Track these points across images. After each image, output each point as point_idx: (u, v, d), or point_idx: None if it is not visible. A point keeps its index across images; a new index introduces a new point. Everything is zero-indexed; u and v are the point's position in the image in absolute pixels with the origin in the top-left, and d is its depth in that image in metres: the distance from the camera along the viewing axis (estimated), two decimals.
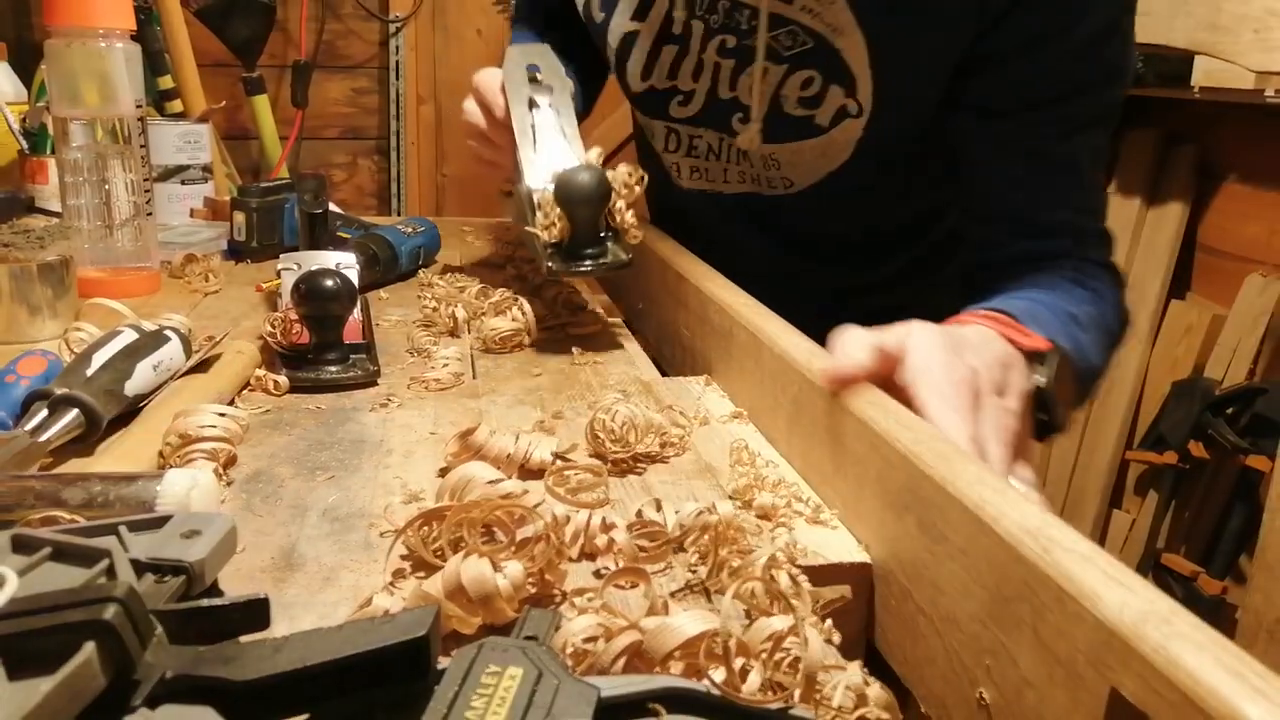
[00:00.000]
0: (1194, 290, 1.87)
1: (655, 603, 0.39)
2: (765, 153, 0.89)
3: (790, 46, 0.82)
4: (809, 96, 0.83)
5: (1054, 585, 0.33)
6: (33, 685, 0.25)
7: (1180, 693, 0.27)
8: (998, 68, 0.75)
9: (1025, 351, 0.58)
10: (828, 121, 0.83)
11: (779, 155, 0.88)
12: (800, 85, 0.83)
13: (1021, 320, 0.62)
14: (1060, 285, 0.72)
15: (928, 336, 0.52)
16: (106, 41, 0.88)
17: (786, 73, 0.83)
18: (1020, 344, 0.58)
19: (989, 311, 0.62)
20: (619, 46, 0.92)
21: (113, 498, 0.46)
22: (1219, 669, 0.27)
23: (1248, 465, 1.59)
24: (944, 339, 0.52)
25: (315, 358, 0.70)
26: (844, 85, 0.81)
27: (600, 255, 0.78)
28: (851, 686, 0.36)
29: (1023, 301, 0.67)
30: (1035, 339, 0.60)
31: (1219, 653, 0.28)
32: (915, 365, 0.51)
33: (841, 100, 0.81)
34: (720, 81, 0.88)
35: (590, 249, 0.78)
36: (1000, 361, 0.54)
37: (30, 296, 0.77)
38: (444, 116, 2.44)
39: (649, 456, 0.59)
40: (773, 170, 0.90)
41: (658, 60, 0.90)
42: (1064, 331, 0.64)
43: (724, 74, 0.87)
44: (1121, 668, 0.30)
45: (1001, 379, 0.53)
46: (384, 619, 0.29)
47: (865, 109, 0.81)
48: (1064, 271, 0.74)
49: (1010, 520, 0.37)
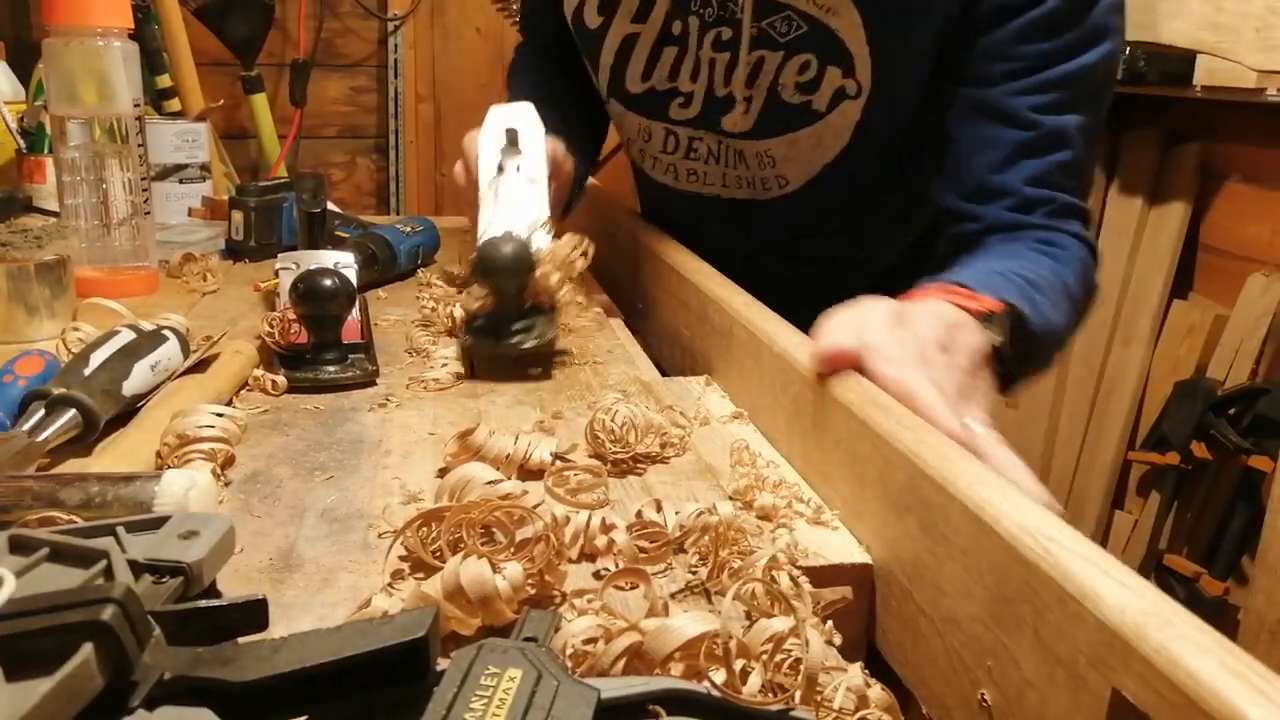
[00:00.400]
0: (1196, 290, 1.86)
1: (655, 604, 0.39)
2: (760, 149, 0.89)
3: (785, 33, 0.83)
4: (806, 81, 0.84)
5: (1055, 586, 0.33)
6: (31, 686, 0.25)
7: (1182, 694, 0.27)
8: (978, 36, 0.77)
9: (977, 314, 0.61)
10: (825, 105, 0.84)
11: (774, 151, 0.89)
12: (797, 70, 0.84)
13: (972, 287, 0.64)
14: (1022, 253, 0.75)
15: (872, 309, 0.56)
16: (104, 40, 0.88)
17: (783, 59, 0.84)
18: (970, 308, 0.61)
19: (940, 285, 0.65)
20: (618, 49, 0.92)
21: (110, 498, 0.45)
22: (1221, 670, 0.27)
23: (1250, 466, 1.59)
24: (889, 311, 0.56)
25: (313, 358, 0.70)
26: (842, 65, 0.82)
27: (523, 332, 0.73)
28: (852, 688, 0.36)
29: (977, 270, 0.70)
30: (985, 301, 0.62)
31: (1221, 654, 0.28)
32: (864, 339, 0.54)
33: (840, 81, 0.83)
34: (716, 78, 0.88)
35: (517, 324, 0.73)
36: (946, 324, 0.57)
37: (28, 296, 0.77)
38: (443, 115, 2.44)
39: (649, 457, 0.59)
40: (767, 169, 0.90)
41: (658, 62, 0.90)
42: (1019, 293, 0.66)
43: (719, 69, 0.88)
44: (1123, 669, 0.30)
45: (947, 339, 0.56)
46: (383, 620, 0.29)
47: (864, 88, 0.83)
48: (1029, 240, 0.77)
49: (1011, 521, 0.36)
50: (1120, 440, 1.90)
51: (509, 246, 0.72)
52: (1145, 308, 1.87)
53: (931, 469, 0.42)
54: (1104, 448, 1.93)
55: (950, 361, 0.55)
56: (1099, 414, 1.95)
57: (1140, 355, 1.88)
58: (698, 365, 0.78)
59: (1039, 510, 0.37)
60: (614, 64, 0.93)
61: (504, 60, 2.42)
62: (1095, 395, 1.96)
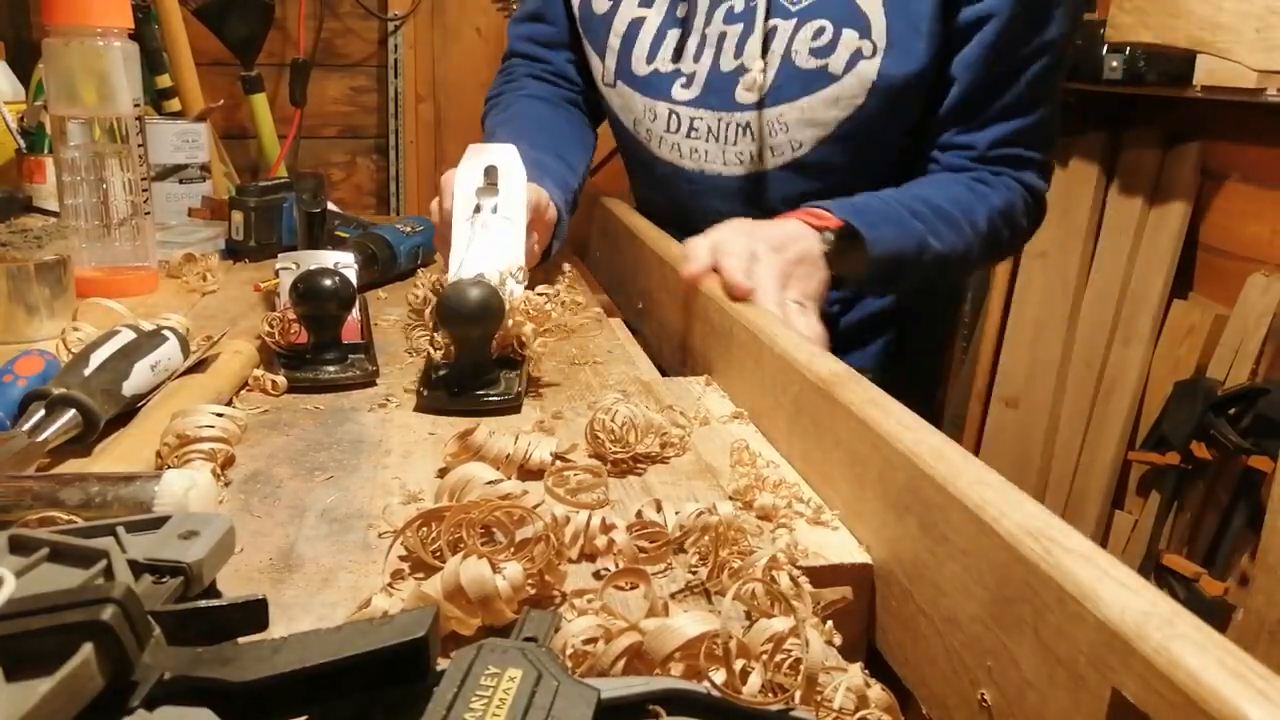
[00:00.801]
0: (1196, 290, 1.86)
1: (655, 604, 0.39)
2: (773, 116, 0.92)
3: (797, 0, 0.88)
4: (821, 46, 0.88)
5: (1055, 586, 0.33)
6: (31, 686, 0.25)
7: (1182, 694, 0.27)
8: None
9: (817, 228, 0.80)
10: (841, 68, 0.88)
11: (787, 116, 0.92)
12: (811, 36, 0.88)
13: (828, 208, 0.81)
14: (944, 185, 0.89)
15: (728, 227, 0.78)
16: (104, 40, 0.88)
17: (796, 27, 0.88)
18: (812, 224, 0.80)
19: (804, 208, 0.82)
20: (625, 33, 0.96)
21: (110, 498, 0.45)
22: (1221, 670, 0.27)
23: (1250, 466, 1.59)
24: (740, 225, 0.78)
25: (313, 357, 0.70)
26: (858, 28, 0.87)
27: (487, 386, 0.67)
28: (852, 688, 0.35)
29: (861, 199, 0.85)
30: (828, 220, 0.81)
31: (1221, 654, 0.28)
32: (715, 245, 0.75)
33: (857, 43, 0.87)
34: (724, 53, 0.92)
35: (480, 377, 0.67)
36: (784, 233, 0.78)
37: (28, 296, 0.77)
38: (443, 115, 2.44)
39: (649, 457, 0.59)
40: (779, 135, 0.93)
41: (663, 44, 0.94)
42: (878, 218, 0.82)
43: (728, 43, 0.91)
44: (1123, 669, 0.30)
45: (781, 241, 0.76)
46: (383, 620, 0.29)
47: (879, 47, 0.87)
48: (964, 179, 0.90)
49: (1011, 521, 0.36)
50: (1120, 440, 1.90)
51: (476, 291, 0.64)
52: (1145, 307, 1.87)
53: (932, 469, 0.42)
54: (1104, 448, 1.93)
55: (779, 257, 0.74)
56: (1099, 414, 1.95)
57: (1140, 355, 1.88)
58: (698, 365, 0.78)
59: (1039, 511, 0.37)
60: (620, 47, 0.97)
61: None
62: (1095, 395, 1.96)
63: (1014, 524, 0.36)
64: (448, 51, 2.43)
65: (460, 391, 0.66)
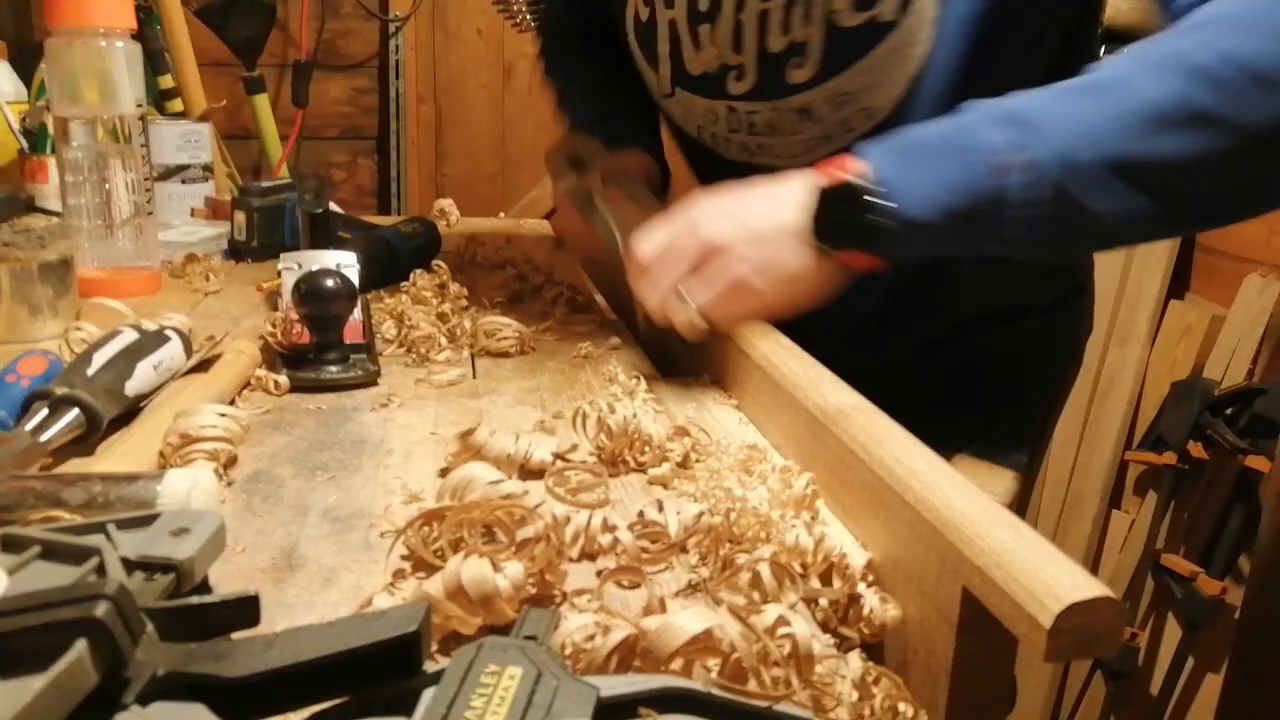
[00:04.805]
0: (1193, 290, 1.86)
1: (654, 601, 0.40)
2: (831, 91, 0.81)
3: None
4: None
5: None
6: (24, 683, 0.25)
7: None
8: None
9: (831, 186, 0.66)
10: (894, 11, 0.75)
11: (850, 85, 0.80)
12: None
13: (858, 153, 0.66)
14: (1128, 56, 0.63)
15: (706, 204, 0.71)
16: (107, 41, 0.88)
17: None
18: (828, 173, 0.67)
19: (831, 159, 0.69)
20: (670, 36, 0.88)
21: (113, 498, 0.46)
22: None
23: (1247, 466, 1.59)
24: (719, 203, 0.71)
25: (316, 358, 0.71)
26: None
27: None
28: (854, 679, 0.36)
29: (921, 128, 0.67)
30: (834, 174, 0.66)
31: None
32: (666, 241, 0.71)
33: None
34: (770, 33, 0.81)
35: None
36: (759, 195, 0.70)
37: (31, 296, 0.78)
38: (444, 116, 2.44)
39: (649, 457, 0.59)
40: (847, 109, 0.82)
41: (698, 40, 0.86)
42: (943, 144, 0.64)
43: (773, 23, 0.81)
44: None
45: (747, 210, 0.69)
46: (375, 615, 0.29)
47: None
48: None
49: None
50: (1117, 440, 1.90)
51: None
52: (1142, 308, 1.87)
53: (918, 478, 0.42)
54: (1101, 448, 1.93)
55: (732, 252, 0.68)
56: (1096, 414, 1.95)
57: (1137, 355, 1.88)
58: (698, 365, 0.78)
59: None
60: (670, 51, 0.89)
61: (505, 61, 2.43)
62: (1092, 395, 1.96)
63: None
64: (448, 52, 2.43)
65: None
